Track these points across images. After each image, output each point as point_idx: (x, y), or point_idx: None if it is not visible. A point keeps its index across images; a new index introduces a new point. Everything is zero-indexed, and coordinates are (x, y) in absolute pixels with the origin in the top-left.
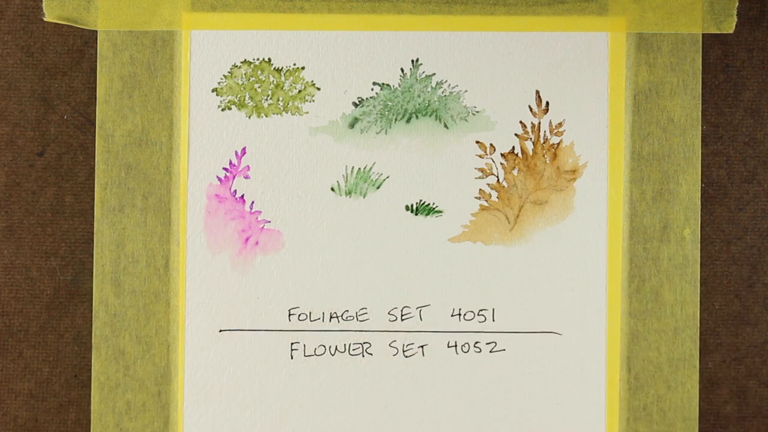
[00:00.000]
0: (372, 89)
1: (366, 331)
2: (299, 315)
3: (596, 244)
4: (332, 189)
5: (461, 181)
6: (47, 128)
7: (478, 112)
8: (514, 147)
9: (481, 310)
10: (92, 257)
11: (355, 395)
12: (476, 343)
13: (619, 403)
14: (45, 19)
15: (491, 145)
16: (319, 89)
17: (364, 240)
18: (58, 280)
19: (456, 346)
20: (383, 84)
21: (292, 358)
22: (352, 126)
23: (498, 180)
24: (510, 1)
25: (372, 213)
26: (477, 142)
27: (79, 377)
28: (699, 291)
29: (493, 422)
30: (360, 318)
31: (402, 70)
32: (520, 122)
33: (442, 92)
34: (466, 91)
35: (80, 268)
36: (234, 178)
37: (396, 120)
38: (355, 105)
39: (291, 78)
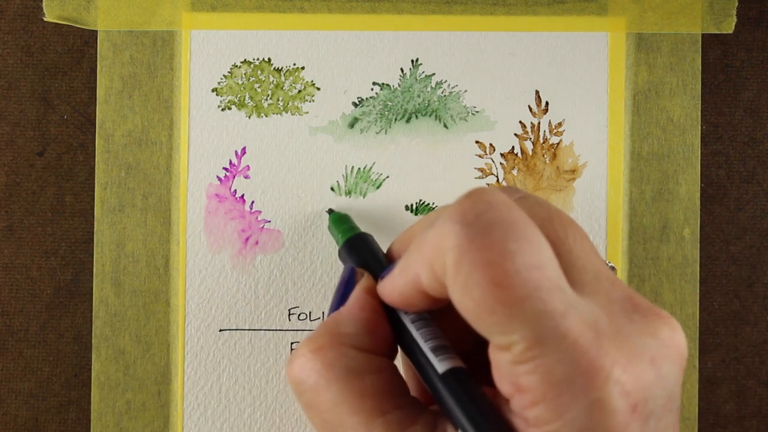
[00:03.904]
0: (372, 89)
1: None
2: (299, 315)
3: (596, 244)
4: (332, 189)
5: (461, 181)
6: (47, 128)
7: (477, 112)
8: (513, 147)
9: None
10: (92, 257)
11: None
12: None
13: None
14: (45, 19)
15: (491, 145)
16: (319, 89)
17: None
18: (58, 280)
19: None
20: (383, 84)
21: None
22: (352, 126)
23: (498, 180)
24: (510, 1)
25: (372, 213)
26: (477, 142)
27: (79, 377)
28: (698, 291)
29: None
30: None
31: (402, 70)
32: (520, 122)
33: (442, 92)
34: (465, 91)
35: (80, 268)
36: (234, 177)
37: (396, 120)
38: (355, 105)
39: (291, 78)
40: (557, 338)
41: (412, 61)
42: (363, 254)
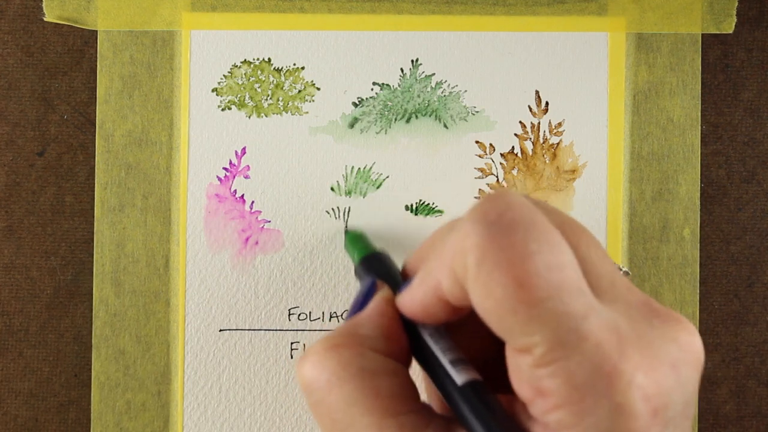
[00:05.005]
0: (372, 89)
1: None
2: (299, 315)
3: None
4: (332, 189)
5: (461, 181)
6: (47, 128)
7: (477, 112)
8: (513, 147)
9: None
10: (92, 257)
11: None
12: None
13: None
14: (45, 19)
15: (491, 145)
16: (319, 89)
17: None
18: (58, 280)
19: None
20: (383, 84)
21: (292, 357)
22: (352, 126)
23: (498, 180)
24: (510, 1)
25: (372, 213)
26: (477, 142)
27: (79, 377)
28: (698, 291)
29: None
30: None
31: (402, 70)
32: (520, 122)
33: (442, 92)
34: (465, 91)
35: (80, 268)
36: (234, 177)
37: (396, 120)
38: (355, 105)
39: (291, 78)
40: (579, 340)
41: (412, 61)
42: (379, 272)
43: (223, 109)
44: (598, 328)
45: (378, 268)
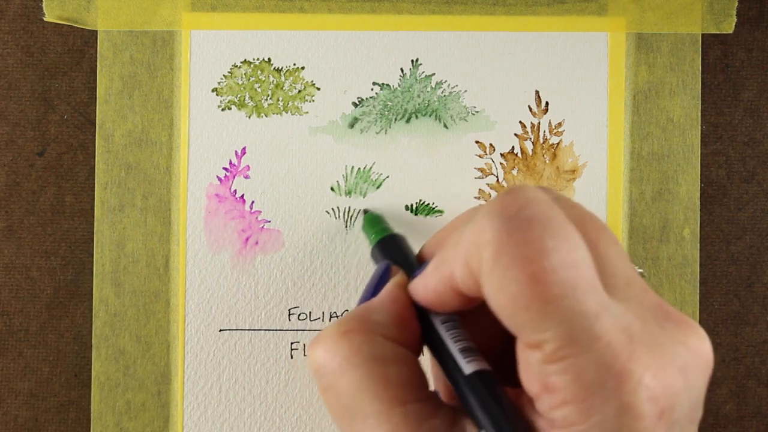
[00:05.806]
0: (372, 89)
1: None
2: (299, 315)
3: None
4: (332, 189)
5: (461, 181)
6: (47, 128)
7: (477, 112)
8: (513, 147)
9: None
10: (92, 257)
11: None
12: None
13: None
14: (45, 19)
15: (491, 145)
16: (319, 89)
17: (364, 240)
18: (58, 280)
19: None
20: (383, 84)
21: (292, 357)
22: (351, 126)
23: (498, 180)
24: (510, 1)
25: None
26: (477, 142)
27: (79, 377)
28: (698, 291)
29: None
30: None
31: (402, 70)
32: (520, 122)
33: (442, 92)
34: (465, 91)
35: (80, 268)
36: (234, 177)
37: (396, 120)
38: (355, 105)
39: (291, 78)
40: (590, 339)
41: (412, 61)
42: (394, 255)
43: (223, 109)
44: (610, 327)
45: (394, 251)
